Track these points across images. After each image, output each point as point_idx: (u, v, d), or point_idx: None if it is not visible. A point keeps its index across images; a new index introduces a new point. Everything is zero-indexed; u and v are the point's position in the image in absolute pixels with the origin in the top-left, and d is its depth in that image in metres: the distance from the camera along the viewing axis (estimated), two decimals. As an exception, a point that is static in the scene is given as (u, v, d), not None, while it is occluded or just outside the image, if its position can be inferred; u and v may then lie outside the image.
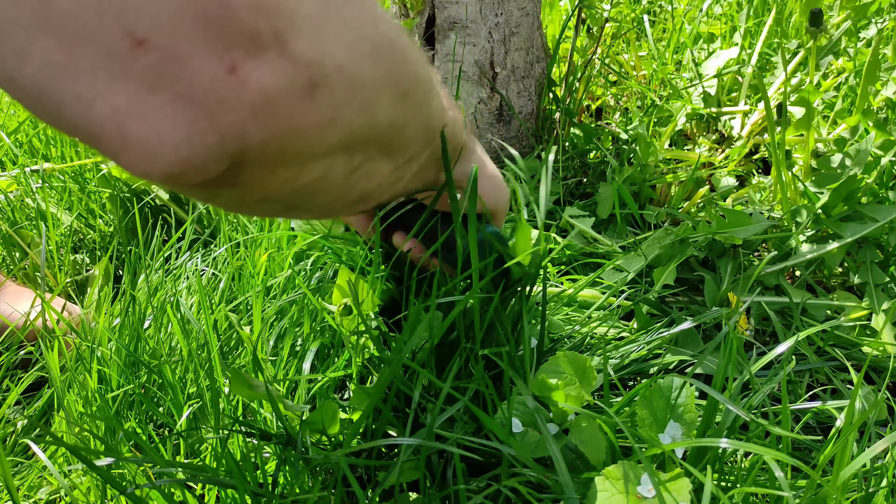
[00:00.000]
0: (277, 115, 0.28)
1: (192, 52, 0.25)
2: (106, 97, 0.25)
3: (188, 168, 0.27)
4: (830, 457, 0.50)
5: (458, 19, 0.96)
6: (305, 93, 0.29)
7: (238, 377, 0.50)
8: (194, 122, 0.26)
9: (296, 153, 0.31)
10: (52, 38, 0.24)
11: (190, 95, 0.26)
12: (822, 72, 1.08)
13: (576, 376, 0.55)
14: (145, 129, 0.26)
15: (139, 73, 0.25)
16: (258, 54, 0.27)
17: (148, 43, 0.25)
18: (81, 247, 1.00)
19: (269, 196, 0.34)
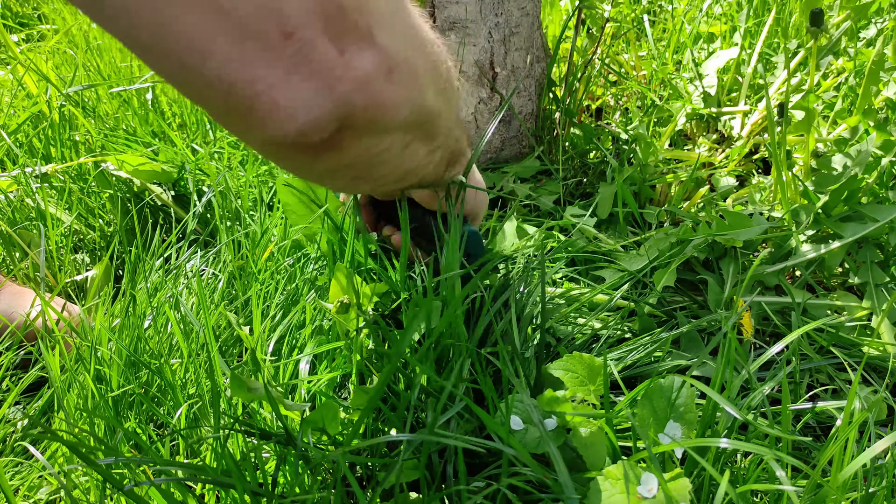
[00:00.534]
0: (371, 90, 0.38)
1: (319, 40, 0.35)
2: (264, 78, 0.35)
3: (314, 126, 0.37)
4: (830, 457, 0.50)
5: (458, 19, 0.96)
6: (387, 75, 0.38)
7: (237, 380, 0.50)
8: (319, 93, 0.36)
9: (379, 123, 0.40)
10: (229, 38, 0.33)
11: (318, 72, 0.35)
12: (822, 72, 1.08)
13: (587, 378, 0.56)
14: (289, 98, 0.36)
15: (286, 58, 0.34)
16: (358, 43, 0.36)
17: (293, 35, 0.34)
18: (81, 247, 1.00)
19: (352, 163, 0.43)
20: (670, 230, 0.88)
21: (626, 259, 0.86)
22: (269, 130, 0.37)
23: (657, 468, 0.45)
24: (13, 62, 1.32)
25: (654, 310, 0.80)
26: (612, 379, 0.65)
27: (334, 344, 0.63)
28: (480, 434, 0.55)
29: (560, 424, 0.52)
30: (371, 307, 0.62)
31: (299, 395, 0.62)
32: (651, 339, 0.73)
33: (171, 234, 0.95)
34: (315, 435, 0.54)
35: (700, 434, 0.52)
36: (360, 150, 0.42)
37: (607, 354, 0.71)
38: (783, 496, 0.51)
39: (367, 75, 0.37)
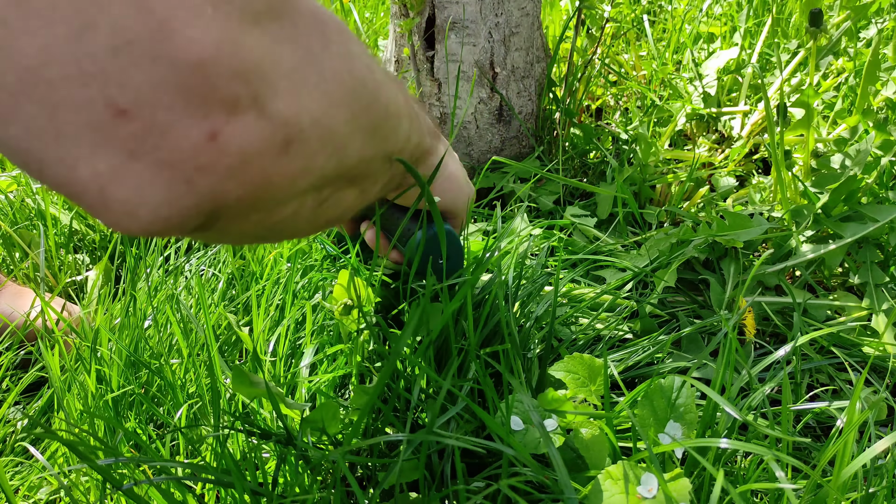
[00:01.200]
0: (253, 173, 0.30)
1: (173, 122, 0.27)
2: (88, 162, 0.26)
3: (166, 226, 0.29)
4: (830, 457, 0.50)
5: (458, 19, 0.96)
6: (281, 149, 0.30)
7: (240, 374, 0.50)
8: (173, 187, 0.28)
9: (268, 201, 0.32)
10: (36, 104, 0.25)
11: (170, 162, 0.27)
12: (822, 72, 1.08)
13: (588, 379, 0.56)
14: (126, 192, 0.27)
15: (121, 141, 0.26)
16: (237, 119, 0.28)
17: (130, 113, 0.26)
18: (81, 247, 1.00)
19: (243, 234, 0.36)
20: (670, 230, 0.88)
21: (626, 259, 0.86)
22: (106, 223, 0.29)
23: (657, 468, 0.45)
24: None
25: (656, 310, 0.80)
26: (613, 380, 0.65)
27: (337, 347, 0.63)
28: (481, 434, 0.55)
29: (561, 425, 0.52)
30: (372, 309, 0.62)
31: (300, 395, 0.62)
32: (652, 339, 0.73)
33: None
34: (315, 434, 0.54)
35: (700, 434, 0.52)
36: (249, 225, 0.34)
37: (609, 355, 0.71)
38: (783, 496, 0.51)
39: (246, 158, 0.29)
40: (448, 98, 1.01)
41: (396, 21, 1.01)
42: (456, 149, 1.05)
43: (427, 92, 1.02)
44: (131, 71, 0.25)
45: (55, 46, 0.25)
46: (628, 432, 0.58)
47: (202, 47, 0.26)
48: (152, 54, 0.26)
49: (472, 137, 1.04)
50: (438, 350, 0.60)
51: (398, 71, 1.05)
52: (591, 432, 0.53)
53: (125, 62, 0.25)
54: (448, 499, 0.52)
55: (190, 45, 0.26)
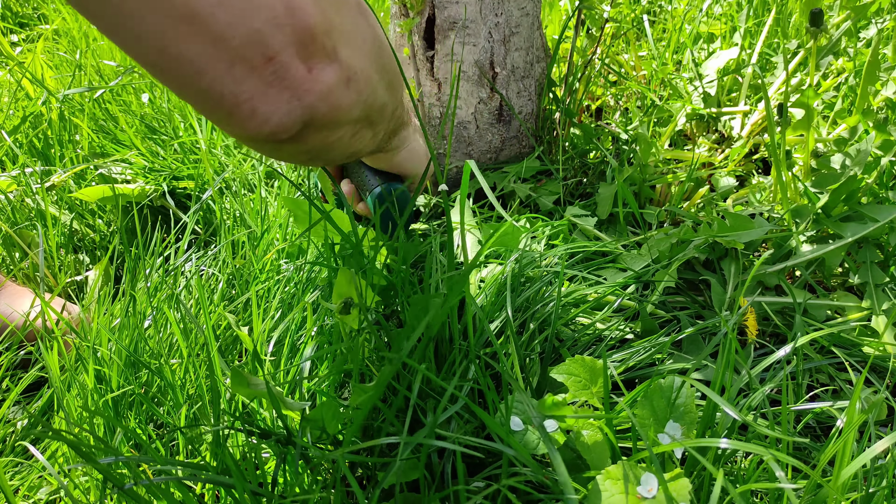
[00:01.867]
0: (332, 98, 0.47)
1: (293, 62, 0.43)
2: (247, 91, 0.43)
3: (283, 128, 0.46)
4: (830, 457, 0.50)
5: (458, 19, 0.96)
6: (345, 84, 0.47)
7: (238, 376, 0.50)
8: (290, 102, 0.45)
9: (337, 120, 0.49)
10: (222, 61, 0.41)
11: (290, 87, 0.44)
12: (822, 72, 1.08)
13: (590, 381, 0.56)
14: (265, 106, 0.44)
15: (266, 76, 0.43)
16: (324, 61, 0.45)
17: (274, 59, 0.42)
18: (81, 247, 1.00)
19: (310, 149, 0.51)
20: (671, 230, 0.88)
21: (627, 259, 0.86)
22: (248, 131, 0.45)
23: (657, 468, 0.45)
24: (11, 63, 1.32)
25: (657, 310, 0.80)
26: (614, 381, 0.65)
27: (336, 346, 0.63)
28: (481, 435, 0.55)
29: (561, 427, 0.52)
30: (373, 306, 0.62)
31: (300, 395, 0.62)
32: (652, 340, 0.73)
33: (171, 234, 0.95)
34: (315, 434, 0.54)
35: (700, 434, 0.52)
36: (318, 141, 0.50)
37: (609, 357, 0.71)
38: (783, 496, 0.51)
39: (329, 87, 0.46)
40: (448, 98, 1.01)
41: (396, 21, 1.01)
42: (455, 149, 1.05)
43: (427, 92, 1.02)
44: (275, 33, 0.42)
45: (239, 23, 0.41)
46: (628, 432, 0.58)
47: (312, 17, 0.43)
48: (287, 23, 0.42)
49: (472, 137, 1.04)
50: (437, 349, 0.60)
51: (398, 71, 1.05)
52: (592, 434, 0.53)
53: (274, 28, 0.42)
54: (448, 499, 0.52)
55: (306, 17, 0.43)
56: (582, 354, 0.65)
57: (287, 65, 0.43)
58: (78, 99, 1.20)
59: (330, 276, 0.72)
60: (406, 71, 1.04)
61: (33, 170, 1.04)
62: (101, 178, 1.03)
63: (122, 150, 1.10)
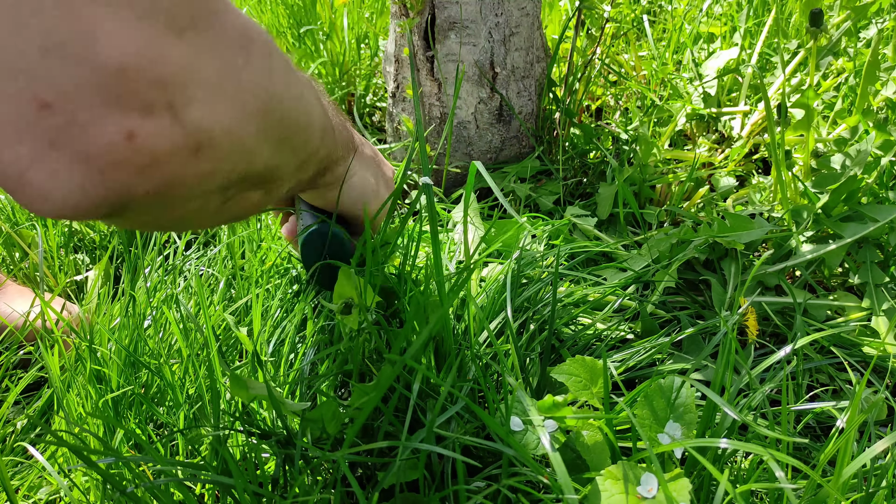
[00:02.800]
0: (163, 173, 0.32)
1: (93, 120, 0.29)
2: (11, 147, 0.29)
3: (75, 212, 0.31)
4: (830, 457, 0.50)
5: (458, 19, 0.96)
6: (191, 153, 0.33)
7: (237, 380, 0.50)
8: (87, 178, 0.30)
9: (175, 198, 0.35)
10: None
11: (86, 155, 0.30)
12: (822, 72, 1.08)
13: (590, 381, 0.56)
14: (42, 177, 0.30)
15: (43, 131, 0.29)
16: (152, 122, 0.30)
17: (53, 107, 0.28)
18: (81, 247, 1.00)
19: (149, 224, 0.39)
20: (671, 230, 0.88)
21: (628, 259, 0.86)
22: (20, 203, 0.31)
23: (657, 468, 0.45)
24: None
25: (657, 310, 0.80)
26: (614, 381, 0.65)
27: (336, 346, 0.63)
28: (481, 434, 0.55)
29: (561, 427, 0.52)
30: (373, 307, 0.62)
31: (300, 395, 0.62)
32: (652, 340, 0.73)
33: (170, 234, 0.95)
34: (315, 434, 0.54)
35: (700, 434, 0.52)
36: (156, 216, 0.37)
37: (609, 357, 0.71)
38: (783, 496, 0.51)
39: (158, 158, 0.31)
40: (448, 98, 1.01)
41: (396, 21, 1.01)
42: (455, 149, 1.05)
43: (427, 92, 1.02)
44: (58, 70, 0.28)
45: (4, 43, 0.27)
46: (628, 432, 0.58)
47: (124, 54, 0.29)
48: (78, 57, 0.28)
49: (472, 137, 1.04)
50: (437, 349, 0.60)
51: (398, 71, 1.05)
52: (592, 434, 0.53)
53: (53, 62, 0.28)
54: (448, 499, 0.52)
55: (113, 52, 0.29)
56: (582, 354, 0.65)
57: (76, 120, 0.29)
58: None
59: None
60: (406, 71, 1.04)
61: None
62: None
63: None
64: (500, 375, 0.61)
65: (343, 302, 0.59)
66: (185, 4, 0.32)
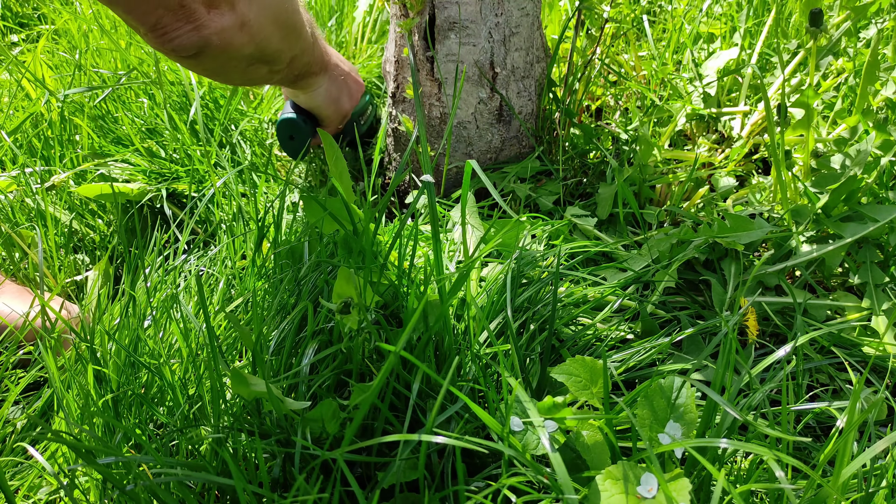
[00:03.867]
0: (224, 35, 0.66)
1: (199, 9, 0.63)
2: (163, 21, 0.63)
3: (184, 48, 0.65)
4: (830, 457, 0.50)
5: (458, 19, 0.96)
6: (239, 28, 0.67)
7: (238, 376, 0.50)
8: (190, 32, 0.64)
9: (228, 52, 0.68)
10: (150, 6, 0.61)
11: (192, 22, 0.64)
12: (821, 72, 1.08)
13: (590, 381, 0.56)
14: (173, 32, 0.63)
15: (178, 13, 0.62)
16: (223, 8, 0.65)
17: (185, 5, 0.62)
18: (81, 247, 1.00)
19: (209, 67, 0.71)
20: (671, 231, 0.88)
21: (628, 259, 0.86)
22: (161, 45, 0.64)
23: (657, 468, 0.45)
24: (11, 63, 1.32)
25: (657, 310, 0.80)
26: (614, 381, 0.65)
27: (336, 346, 0.63)
28: (481, 435, 0.55)
29: (561, 427, 0.52)
30: (373, 306, 0.62)
31: (300, 395, 0.62)
32: (653, 341, 0.73)
33: (169, 232, 0.95)
34: (315, 433, 0.54)
35: (700, 435, 0.52)
36: (214, 63, 0.70)
37: (609, 357, 0.71)
38: (783, 496, 0.51)
39: (222, 28, 0.65)
40: (448, 98, 1.01)
41: (396, 21, 1.01)
42: (455, 149, 1.05)
43: (427, 92, 1.02)
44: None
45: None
46: (628, 433, 0.58)
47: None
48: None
49: (472, 137, 1.04)
50: (437, 348, 0.60)
51: (398, 71, 1.05)
52: (592, 434, 0.53)
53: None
54: (448, 499, 0.52)
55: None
56: (582, 354, 0.65)
57: (193, 9, 0.63)
58: (78, 99, 1.20)
59: (326, 277, 0.72)
60: (406, 71, 1.04)
61: (33, 170, 1.04)
62: (101, 178, 1.03)
63: (122, 150, 1.10)
64: (500, 375, 0.61)
65: (342, 302, 0.59)
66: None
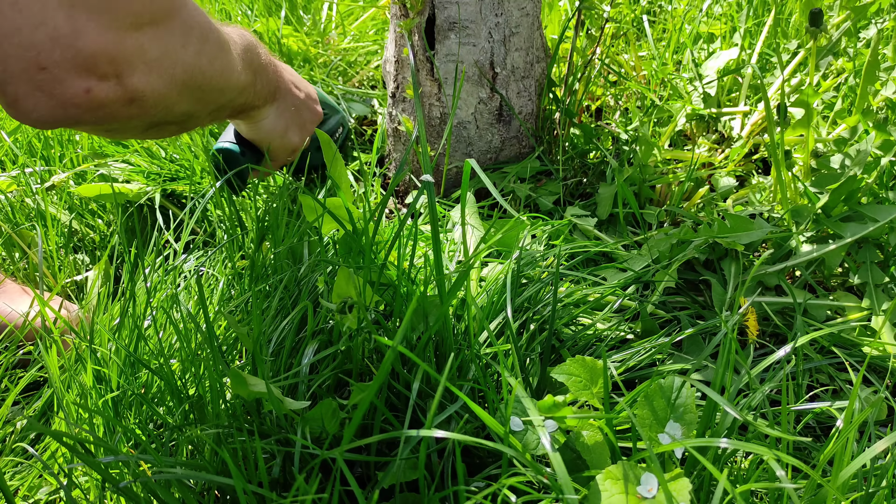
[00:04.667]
0: (103, 112, 0.54)
1: (68, 79, 0.51)
2: (14, 86, 0.50)
3: (45, 123, 0.53)
4: (830, 457, 0.50)
5: (458, 19, 0.96)
6: (125, 103, 0.54)
7: (237, 377, 0.50)
8: (56, 109, 0.52)
9: (111, 126, 0.57)
10: (2, 67, 0.50)
11: (58, 97, 0.51)
12: (821, 72, 1.08)
13: (590, 381, 0.56)
14: (28, 104, 0.51)
15: (36, 82, 0.50)
16: (103, 84, 0.52)
17: (47, 70, 0.50)
18: (81, 247, 1.00)
19: (90, 131, 0.64)
20: (671, 231, 0.88)
21: (628, 259, 0.86)
22: (13, 115, 0.53)
23: (657, 468, 0.45)
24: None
25: (657, 310, 0.80)
26: (614, 381, 0.65)
27: (336, 346, 0.63)
28: (481, 435, 0.55)
29: (561, 427, 0.52)
30: (373, 306, 0.62)
31: (300, 395, 0.62)
32: (653, 341, 0.73)
33: (172, 234, 0.95)
34: (315, 433, 0.54)
35: (700, 435, 0.52)
36: (96, 132, 0.61)
37: (609, 357, 0.71)
38: (783, 496, 0.51)
39: (100, 104, 0.52)
40: (448, 98, 1.01)
41: (396, 21, 1.01)
42: (455, 149, 1.05)
43: (427, 92, 1.02)
44: (56, 50, 0.49)
45: (25, 28, 0.48)
46: (628, 432, 0.58)
47: (95, 45, 0.50)
48: (70, 44, 0.49)
49: (472, 137, 1.04)
50: (437, 348, 0.60)
51: (398, 71, 1.05)
52: (592, 434, 0.53)
53: (54, 44, 0.49)
54: (448, 499, 0.52)
55: (89, 44, 0.50)
56: (582, 354, 0.65)
57: (58, 78, 0.50)
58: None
59: (325, 277, 0.72)
60: (406, 71, 1.04)
61: (33, 170, 1.04)
62: (101, 178, 1.03)
63: (122, 150, 1.10)
64: (500, 375, 0.61)
65: (342, 302, 0.59)
66: (149, 8, 0.53)
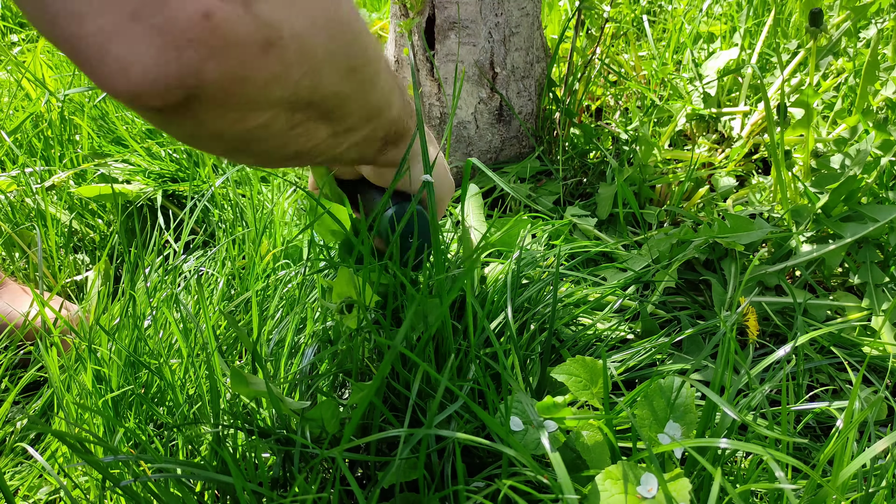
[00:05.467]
0: (231, 61, 0.32)
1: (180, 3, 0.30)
2: (95, 18, 0.29)
3: (150, 90, 0.31)
4: (830, 457, 0.50)
5: (458, 19, 0.96)
6: (261, 48, 0.33)
7: (237, 375, 0.50)
8: (163, 52, 0.30)
9: (242, 98, 0.34)
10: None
11: (165, 29, 0.30)
12: (821, 72, 1.08)
13: (590, 381, 0.56)
14: (122, 50, 0.30)
15: (125, 3, 0.29)
16: (227, 5, 0.31)
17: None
18: (81, 247, 1.00)
19: (217, 134, 0.37)
20: (671, 231, 0.88)
21: (628, 259, 0.86)
22: (99, 79, 0.31)
23: (657, 468, 0.45)
24: (11, 63, 1.32)
25: (657, 310, 0.80)
26: (614, 381, 0.65)
27: (336, 346, 0.63)
28: (481, 436, 0.55)
29: (561, 427, 0.52)
30: (373, 306, 0.62)
31: (299, 395, 0.62)
32: (652, 341, 0.73)
33: (171, 234, 0.95)
34: (314, 433, 0.54)
35: (699, 435, 0.52)
36: (224, 123, 0.36)
37: (609, 357, 0.71)
38: (783, 496, 0.51)
39: (229, 44, 0.31)
40: (448, 98, 1.01)
41: (396, 21, 1.01)
42: (455, 149, 1.05)
43: (427, 92, 1.02)
44: None
45: None
46: (628, 433, 0.58)
47: None
48: None
49: (472, 137, 1.04)
50: (437, 348, 0.60)
51: (398, 71, 1.05)
52: (592, 434, 0.53)
53: None
54: (448, 499, 0.52)
55: None
56: (582, 354, 0.65)
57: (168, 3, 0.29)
58: (78, 99, 1.20)
59: (324, 279, 0.72)
60: (405, 71, 1.04)
61: (33, 170, 1.04)
62: (102, 178, 1.03)
63: (122, 150, 1.10)
64: (500, 375, 0.61)
65: (342, 301, 0.59)
66: None
